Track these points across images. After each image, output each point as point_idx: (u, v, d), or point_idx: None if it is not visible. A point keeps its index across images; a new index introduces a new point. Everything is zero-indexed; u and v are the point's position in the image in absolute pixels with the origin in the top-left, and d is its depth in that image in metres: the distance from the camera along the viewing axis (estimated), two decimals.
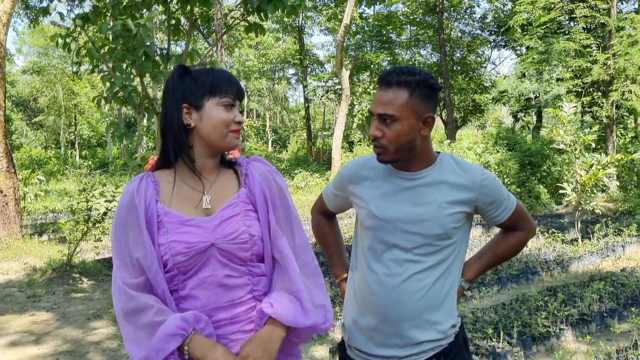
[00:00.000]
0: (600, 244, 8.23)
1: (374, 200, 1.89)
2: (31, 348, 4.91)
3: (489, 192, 1.88)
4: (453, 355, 1.86)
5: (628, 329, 4.98)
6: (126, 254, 1.59)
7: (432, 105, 1.83)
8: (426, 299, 1.83)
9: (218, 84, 1.63)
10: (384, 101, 1.78)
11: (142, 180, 1.65)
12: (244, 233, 1.61)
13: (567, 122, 8.74)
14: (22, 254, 8.65)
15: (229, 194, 1.67)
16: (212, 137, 1.63)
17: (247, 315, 1.62)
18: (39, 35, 35.37)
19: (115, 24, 5.37)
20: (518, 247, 2.04)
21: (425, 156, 1.87)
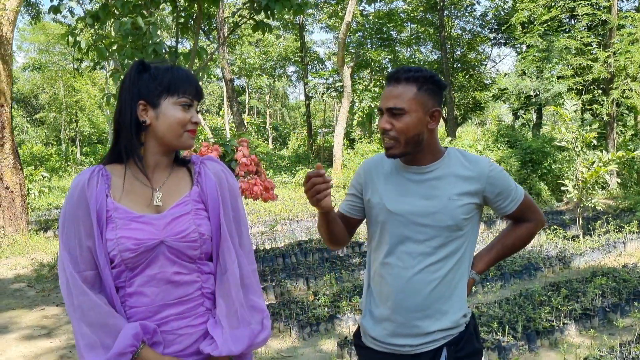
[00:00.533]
0: (601, 240, 8.32)
1: (387, 194, 1.96)
2: (44, 341, 4.99)
3: (496, 182, 1.93)
4: (463, 343, 1.92)
5: (630, 323, 5.07)
6: (76, 247, 1.57)
7: (438, 101, 1.91)
8: (438, 289, 1.89)
9: (176, 83, 1.62)
10: (394, 95, 1.86)
11: (93, 173, 1.62)
12: (194, 232, 1.61)
13: (569, 119, 8.82)
14: (29, 250, 8.73)
15: (181, 192, 1.67)
16: (167, 137, 1.62)
17: (195, 310, 1.64)
18: (39, 32, 35.32)
19: (126, 22, 5.44)
20: (527, 238, 2.08)
21: (432, 150, 1.93)
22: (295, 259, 7.82)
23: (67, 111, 36.95)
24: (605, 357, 3.96)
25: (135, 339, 1.54)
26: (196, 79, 1.68)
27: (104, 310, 1.55)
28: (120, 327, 1.55)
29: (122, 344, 1.52)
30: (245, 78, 35.78)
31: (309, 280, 6.59)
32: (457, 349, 1.91)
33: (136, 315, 1.60)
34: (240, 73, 33.70)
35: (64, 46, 35.48)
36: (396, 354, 1.95)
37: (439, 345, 1.90)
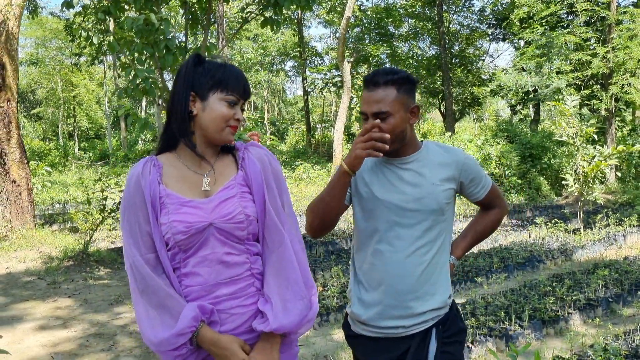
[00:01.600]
0: (602, 233, 8.46)
1: (374, 185, 2.08)
2: (60, 331, 5.09)
3: (469, 169, 2.11)
4: (449, 324, 2.08)
5: (633, 313, 5.21)
6: (137, 232, 1.70)
7: (414, 97, 2.06)
8: (427, 271, 2.04)
9: (226, 80, 1.72)
10: (376, 100, 1.98)
11: (146, 163, 1.75)
12: (240, 213, 1.71)
13: (569, 115, 8.94)
14: (37, 243, 8.81)
15: (227, 176, 1.77)
16: (210, 129, 1.72)
17: (246, 291, 1.73)
18: (37, 26, 35.21)
19: (138, 18, 5.52)
20: (495, 224, 2.29)
21: (412, 143, 2.09)
22: None
23: (65, 106, 36.93)
24: (610, 344, 4.08)
25: (194, 320, 1.64)
26: (245, 79, 1.78)
27: (165, 292, 1.67)
28: (179, 307, 1.66)
29: (182, 325, 1.63)
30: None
31: (316, 273, 6.70)
32: (445, 329, 2.06)
33: (192, 294, 1.71)
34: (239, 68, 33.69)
35: (61, 40, 35.44)
36: (388, 337, 2.06)
37: (429, 326, 2.04)
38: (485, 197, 2.19)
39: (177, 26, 26.00)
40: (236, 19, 25.89)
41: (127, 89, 6.01)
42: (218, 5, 20.06)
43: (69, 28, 22.43)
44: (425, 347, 2.02)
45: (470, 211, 10.88)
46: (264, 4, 6.20)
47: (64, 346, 4.74)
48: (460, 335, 2.12)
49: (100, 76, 38.01)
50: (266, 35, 31.76)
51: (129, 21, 5.55)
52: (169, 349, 1.65)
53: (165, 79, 6.33)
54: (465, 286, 6.19)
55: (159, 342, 1.65)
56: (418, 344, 2.03)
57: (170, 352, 1.66)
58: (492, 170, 13.66)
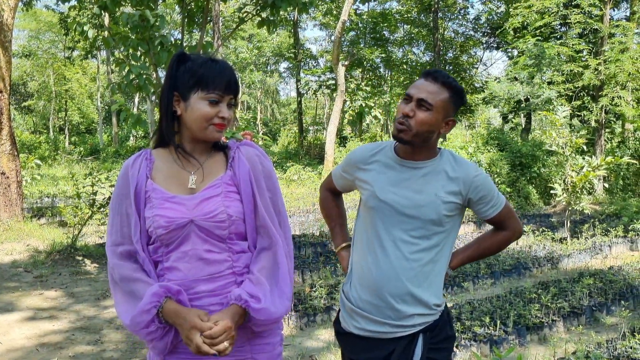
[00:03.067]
0: (588, 243, 8.55)
1: (378, 183, 2.09)
2: (46, 324, 5.08)
3: (480, 187, 2.06)
4: (438, 330, 2.07)
5: (616, 322, 5.27)
6: (117, 223, 1.76)
7: (455, 112, 2.08)
8: (417, 277, 2.03)
9: (207, 78, 1.70)
10: (429, 90, 2.00)
11: (139, 156, 1.79)
12: (222, 213, 1.71)
13: (560, 125, 9.03)
14: (24, 236, 8.76)
15: (215, 175, 1.78)
16: (193, 128, 1.73)
17: (226, 289, 1.73)
18: (31, 18, 35.02)
19: (134, 13, 5.53)
20: (503, 244, 2.22)
21: (430, 149, 2.09)
22: None
23: (57, 100, 36.72)
24: (592, 352, 4.14)
25: (155, 296, 1.66)
26: (231, 73, 1.75)
27: (133, 277, 1.72)
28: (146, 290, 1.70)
29: (143, 302, 1.66)
30: (237, 73, 35.77)
31: (304, 273, 6.72)
32: (432, 335, 2.06)
33: None
34: (233, 68, 33.68)
35: (55, 34, 35.27)
36: (375, 338, 2.07)
37: (416, 331, 2.04)
38: (495, 217, 2.14)
39: (173, 23, 25.96)
40: (232, 19, 25.89)
41: (120, 84, 6.02)
42: (215, 4, 20.08)
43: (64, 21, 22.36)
44: (411, 352, 2.03)
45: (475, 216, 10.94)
46: (261, 5, 6.23)
47: (49, 338, 4.73)
48: (448, 342, 2.12)
49: (94, 71, 37.85)
50: (261, 35, 31.80)
51: (124, 17, 5.57)
52: (140, 328, 1.67)
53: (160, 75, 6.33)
54: (452, 291, 6.24)
55: (129, 323, 1.68)
56: (404, 347, 2.03)
57: (142, 331, 1.68)
58: None
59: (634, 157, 14.85)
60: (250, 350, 1.78)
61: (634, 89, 15.52)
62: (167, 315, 1.66)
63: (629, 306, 5.65)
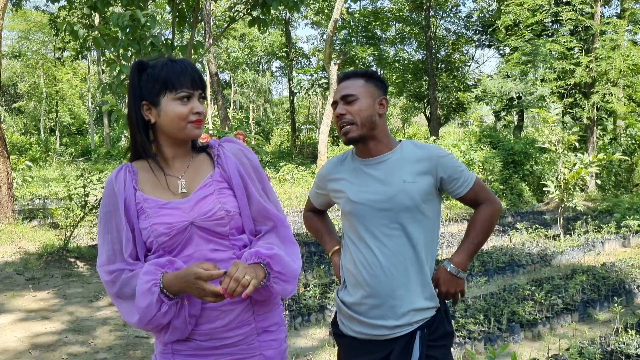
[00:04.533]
0: (581, 240, 8.58)
1: (348, 187, 2.13)
2: (39, 326, 5.04)
3: (447, 163, 2.07)
4: (435, 326, 2.05)
5: (609, 318, 5.29)
6: (108, 241, 1.72)
7: (384, 92, 2.15)
8: (406, 271, 2.03)
9: (171, 78, 1.68)
10: (346, 86, 2.10)
11: (120, 170, 1.76)
12: (220, 210, 1.71)
13: (552, 122, 9.06)
14: (16, 238, 8.71)
15: (203, 175, 1.78)
16: (172, 131, 1.71)
17: None
18: (20, 19, 34.79)
19: (124, 14, 5.49)
20: (488, 218, 2.14)
21: (384, 140, 2.12)
22: None
23: (47, 101, 36.51)
24: (586, 348, 4.15)
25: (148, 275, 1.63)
26: (193, 69, 1.73)
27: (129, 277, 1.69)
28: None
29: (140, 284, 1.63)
30: (229, 72, 35.71)
31: None
32: (430, 332, 2.04)
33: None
34: (225, 67, 33.63)
35: (45, 34, 35.06)
36: (373, 340, 2.06)
37: (413, 329, 2.03)
38: (470, 193, 2.12)
39: (164, 23, 25.86)
40: (223, 18, 25.83)
41: (111, 84, 5.98)
42: (205, 4, 20.01)
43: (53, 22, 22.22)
44: (410, 350, 2.01)
45: (467, 213, 10.96)
46: (252, 4, 6.21)
47: (42, 340, 4.69)
48: (447, 339, 2.10)
49: (84, 71, 37.68)
50: (253, 34, 31.74)
51: (114, 17, 5.52)
52: (153, 314, 1.63)
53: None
54: None
55: (140, 315, 1.64)
56: (402, 347, 2.02)
57: (158, 315, 1.63)
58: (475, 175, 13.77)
59: (625, 154, 14.95)
60: (259, 347, 1.79)
61: (625, 86, 15.59)
62: (170, 287, 1.62)
63: (622, 302, 5.65)
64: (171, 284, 1.62)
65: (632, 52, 14.28)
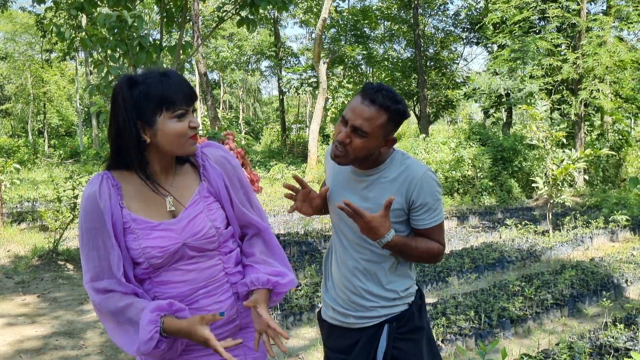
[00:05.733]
0: (570, 235, 8.65)
1: (333, 185, 2.18)
2: (28, 329, 5.01)
3: (425, 189, 1.99)
4: (405, 321, 2.10)
5: (598, 312, 5.34)
6: (95, 259, 1.65)
7: (396, 129, 2.01)
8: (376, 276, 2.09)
9: (167, 96, 1.61)
10: (365, 117, 1.90)
11: (102, 183, 1.66)
12: (211, 228, 1.72)
13: (540, 119, 9.11)
14: (4, 242, 8.64)
15: (190, 190, 1.76)
16: (170, 149, 1.66)
17: (221, 288, 1.77)
18: (6, 20, 34.46)
19: (112, 14, 5.47)
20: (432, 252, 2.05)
21: (376, 159, 2.05)
22: None
23: (35, 102, 36.19)
24: (575, 342, 4.19)
25: (151, 324, 1.61)
26: (185, 84, 1.67)
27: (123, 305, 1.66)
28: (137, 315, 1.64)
29: (142, 334, 1.61)
30: (218, 72, 35.61)
31: None
32: (399, 326, 2.09)
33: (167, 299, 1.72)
34: (215, 67, 33.54)
35: (32, 35, 34.77)
36: (344, 327, 2.17)
37: (380, 321, 2.10)
38: (428, 229, 2.04)
39: (152, 23, 25.75)
40: (212, 18, 25.75)
41: (99, 85, 5.95)
42: (193, 4, 19.94)
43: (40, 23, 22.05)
44: (376, 342, 2.09)
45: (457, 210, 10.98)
46: (240, 4, 6.20)
47: (32, 344, 4.67)
48: (416, 333, 2.12)
49: (72, 73, 37.40)
50: (242, 34, 31.66)
51: (102, 18, 5.50)
52: (149, 352, 1.64)
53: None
54: (437, 286, 6.27)
55: (136, 352, 1.65)
56: (369, 337, 2.10)
57: (153, 352, 1.65)
58: (465, 172, 13.84)
59: (613, 149, 15.08)
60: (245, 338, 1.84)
61: (612, 82, 15.71)
62: (170, 332, 1.63)
63: (610, 296, 5.72)
64: (172, 331, 1.63)
65: (618, 49, 14.41)
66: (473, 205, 13.18)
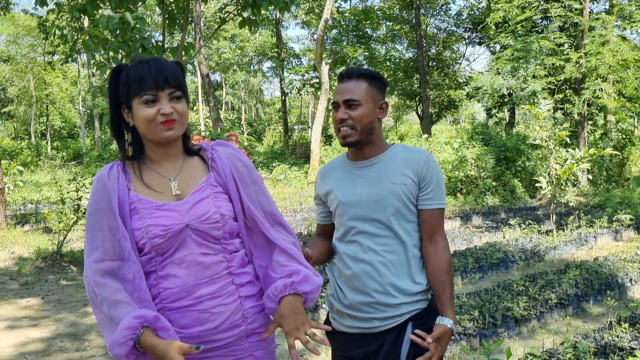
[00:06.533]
0: (573, 234, 8.63)
1: (339, 188, 2.17)
2: (32, 331, 5.02)
3: (430, 168, 2.09)
4: (427, 319, 2.06)
5: (602, 311, 5.33)
6: (98, 239, 1.67)
7: (383, 95, 2.18)
8: (395, 269, 2.07)
9: (135, 82, 1.66)
10: (348, 90, 2.11)
11: (112, 168, 1.74)
12: (215, 213, 1.71)
13: (543, 118, 9.10)
14: (8, 244, 8.67)
15: (197, 179, 1.77)
16: (144, 134, 1.71)
17: (225, 290, 1.74)
18: (9, 23, 34.56)
19: (114, 16, 5.47)
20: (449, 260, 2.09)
21: (378, 142, 2.16)
22: None
23: (38, 104, 36.31)
24: (579, 342, 4.17)
25: (129, 329, 1.58)
26: (158, 69, 1.68)
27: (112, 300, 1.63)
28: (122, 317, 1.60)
29: (116, 334, 1.58)
30: (220, 73, 35.65)
31: None
32: (421, 323, 2.05)
33: (171, 296, 1.70)
34: (217, 68, 33.58)
35: (34, 38, 34.85)
36: (366, 333, 2.09)
37: (404, 320, 2.05)
38: (430, 212, 2.10)
39: (154, 25, 25.79)
40: (214, 19, 25.79)
41: (102, 87, 5.96)
42: (195, 5, 19.96)
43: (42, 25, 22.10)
44: (400, 342, 2.04)
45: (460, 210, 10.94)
46: (242, 5, 6.20)
47: (36, 346, 4.67)
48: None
49: (74, 75, 37.48)
50: (244, 35, 31.70)
51: (104, 19, 5.50)
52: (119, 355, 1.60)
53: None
54: None
55: (109, 349, 1.61)
56: (393, 339, 2.04)
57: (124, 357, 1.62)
58: (468, 172, 13.82)
59: (616, 149, 15.03)
60: (248, 348, 1.79)
61: (615, 81, 15.69)
62: (143, 348, 1.59)
63: (615, 296, 5.70)
64: (146, 347, 1.59)
65: (621, 48, 14.38)
66: (476, 205, 13.17)
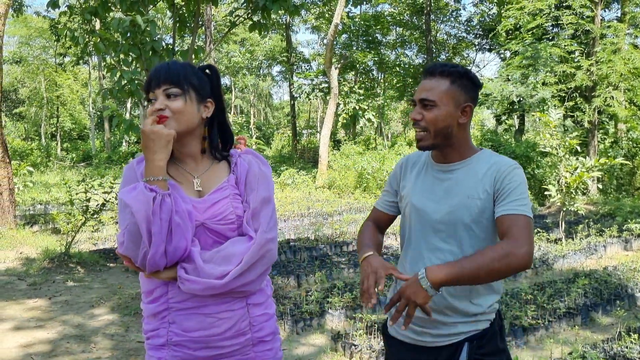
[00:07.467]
0: (583, 243, 8.56)
1: (414, 189, 2.02)
2: (39, 332, 5.03)
3: (512, 179, 1.85)
4: (486, 341, 1.89)
5: (611, 322, 5.27)
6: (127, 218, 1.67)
7: (471, 97, 1.94)
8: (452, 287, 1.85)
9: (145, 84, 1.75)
10: (426, 88, 1.92)
11: (141, 160, 1.77)
12: (231, 213, 1.76)
13: (554, 126, 9.05)
14: (17, 244, 8.70)
15: (220, 179, 1.82)
16: None
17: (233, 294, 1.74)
18: (21, 25, 34.88)
19: (125, 19, 5.50)
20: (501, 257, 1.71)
21: (460, 147, 1.95)
22: (285, 257, 7.91)
23: (48, 106, 36.58)
24: (588, 352, 4.13)
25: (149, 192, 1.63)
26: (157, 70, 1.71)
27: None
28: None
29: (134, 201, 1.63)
30: (230, 76, 35.76)
31: (300, 278, 6.69)
32: (480, 345, 1.89)
33: (177, 296, 1.72)
34: (226, 72, 33.69)
35: (46, 40, 35.13)
36: (419, 345, 1.97)
37: (460, 339, 1.90)
38: (508, 217, 1.80)
39: (165, 28, 25.92)
40: (224, 23, 25.90)
41: (112, 89, 5.98)
42: (206, 9, 20.06)
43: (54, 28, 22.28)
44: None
45: None
46: (252, 9, 6.21)
47: (43, 347, 4.68)
48: (498, 355, 1.92)
49: (85, 77, 37.76)
50: (254, 39, 31.82)
51: (115, 22, 5.52)
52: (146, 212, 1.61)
53: None
54: None
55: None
56: (446, 357, 1.91)
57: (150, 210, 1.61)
58: None
59: (627, 158, 14.94)
60: (254, 358, 1.81)
61: (626, 90, 15.59)
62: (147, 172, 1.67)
63: (624, 306, 5.65)
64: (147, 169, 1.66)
65: (633, 56, 14.30)
66: None
